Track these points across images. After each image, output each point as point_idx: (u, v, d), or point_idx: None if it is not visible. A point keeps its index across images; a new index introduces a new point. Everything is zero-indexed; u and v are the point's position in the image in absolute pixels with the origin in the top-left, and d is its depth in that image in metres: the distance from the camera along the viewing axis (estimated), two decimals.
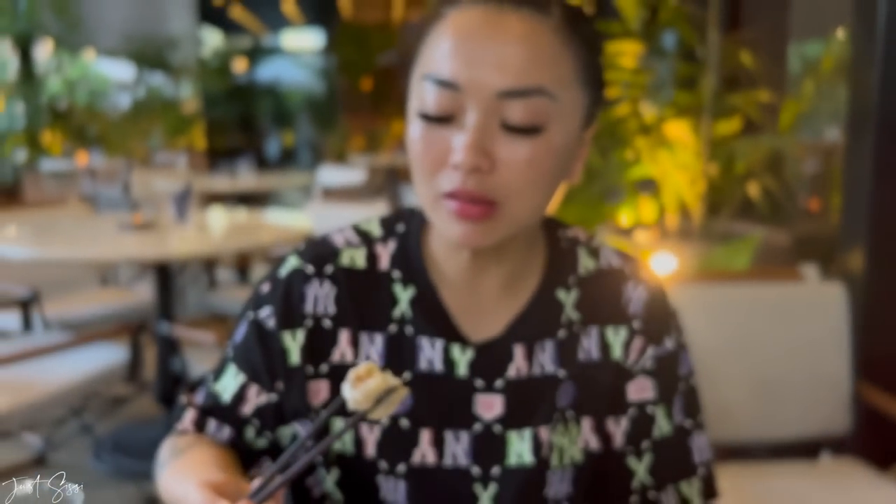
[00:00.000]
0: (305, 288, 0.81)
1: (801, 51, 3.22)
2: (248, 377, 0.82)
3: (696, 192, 2.56)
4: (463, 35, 0.69)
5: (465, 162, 0.67)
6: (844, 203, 2.07)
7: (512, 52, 0.67)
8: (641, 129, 2.58)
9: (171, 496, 0.74)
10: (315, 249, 0.84)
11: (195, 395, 0.86)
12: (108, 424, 2.94)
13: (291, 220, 3.21)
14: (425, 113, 0.70)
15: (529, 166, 0.69)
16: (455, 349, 0.80)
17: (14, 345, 2.55)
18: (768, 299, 1.82)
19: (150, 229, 2.82)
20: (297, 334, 0.80)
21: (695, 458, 0.84)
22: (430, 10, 0.74)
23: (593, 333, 0.82)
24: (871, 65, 1.94)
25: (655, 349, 0.83)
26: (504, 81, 0.67)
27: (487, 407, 0.80)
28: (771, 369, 1.79)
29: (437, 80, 0.69)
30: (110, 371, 2.36)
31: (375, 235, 0.84)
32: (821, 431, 1.81)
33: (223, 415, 0.82)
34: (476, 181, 0.68)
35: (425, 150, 0.70)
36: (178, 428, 0.84)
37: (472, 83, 0.67)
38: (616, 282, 0.84)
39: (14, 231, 2.82)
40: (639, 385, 0.83)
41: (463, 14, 0.70)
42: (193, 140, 10.40)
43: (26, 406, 2.10)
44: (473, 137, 0.67)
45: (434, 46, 0.71)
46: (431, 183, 0.71)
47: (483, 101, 0.67)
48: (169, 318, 2.75)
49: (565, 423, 0.81)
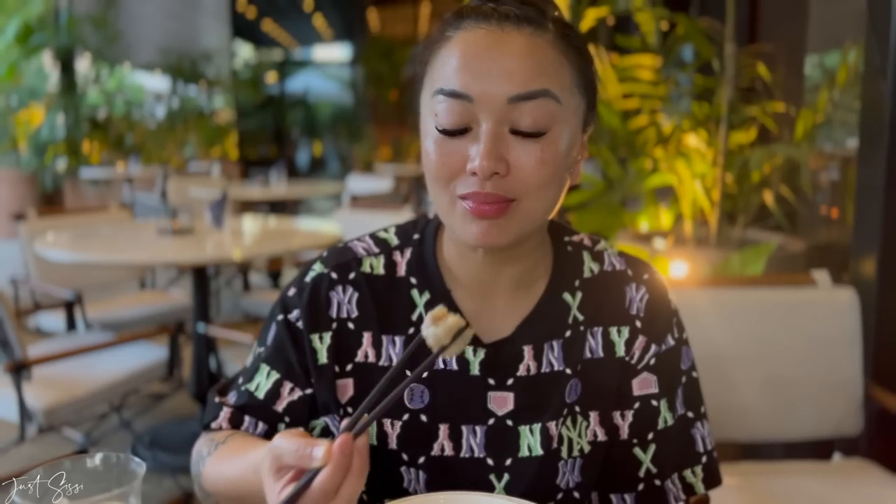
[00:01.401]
0: (331, 293, 0.86)
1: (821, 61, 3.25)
2: (281, 375, 0.85)
3: (713, 201, 2.60)
4: (471, 51, 0.74)
5: (484, 168, 0.71)
6: (857, 210, 2.10)
7: (517, 63, 0.72)
8: (659, 139, 2.64)
9: (222, 478, 0.79)
10: (338, 257, 0.89)
11: (227, 396, 0.89)
12: (147, 421, 3.05)
13: (321, 227, 3.29)
14: (440, 125, 0.74)
15: (541, 166, 0.73)
16: (468, 350, 0.84)
17: (58, 344, 2.66)
18: (782, 303, 1.85)
19: (188, 234, 2.92)
20: (324, 337, 0.85)
21: (698, 447, 0.87)
22: (433, 35, 0.80)
23: (598, 333, 0.86)
24: (884, 76, 1.97)
25: (657, 347, 0.87)
26: (512, 88, 0.72)
27: (500, 403, 0.84)
28: (784, 371, 1.81)
29: (450, 93, 0.73)
30: (149, 369, 2.46)
31: (393, 244, 0.89)
32: (833, 432, 1.83)
33: (258, 411, 0.85)
34: (493, 184, 0.73)
35: (442, 160, 0.74)
36: (213, 425, 0.87)
37: (482, 93, 0.72)
38: (619, 284, 0.88)
39: (58, 236, 2.93)
40: (643, 381, 0.87)
41: (468, 34, 0.75)
42: (227, 149, 10.61)
43: (70, 402, 2.19)
44: (489, 144, 0.72)
45: (443, 65, 0.75)
46: (448, 189, 0.75)
47: (494, 109, 0.72)
48: (205, 319, 2.85)
49: (574, 417, 0.85)
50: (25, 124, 7.41)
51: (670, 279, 1.94)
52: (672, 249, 2.67)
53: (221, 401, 0.88)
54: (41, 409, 2.12)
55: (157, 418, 3.10)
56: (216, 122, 10.66)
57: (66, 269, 3.01)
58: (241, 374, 0.90)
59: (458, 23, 0.76)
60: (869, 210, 2.04)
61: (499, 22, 0.74)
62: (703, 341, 1.78)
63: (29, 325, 3.15)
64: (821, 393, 1.82)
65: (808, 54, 3.15)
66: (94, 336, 2.76)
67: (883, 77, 1.98)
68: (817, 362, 1.82)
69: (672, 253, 2.56)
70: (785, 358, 1.82)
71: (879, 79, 1.99)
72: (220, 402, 0.88)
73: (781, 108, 2.73)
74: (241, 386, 0.88)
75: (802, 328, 1.83)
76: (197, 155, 9.77)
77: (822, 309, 1.84)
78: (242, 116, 11.66)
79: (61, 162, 7.47)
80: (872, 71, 2.03)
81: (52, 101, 7.60)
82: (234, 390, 0.89)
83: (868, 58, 2.05)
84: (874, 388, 1.83)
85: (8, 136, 7.22)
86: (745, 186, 2.65)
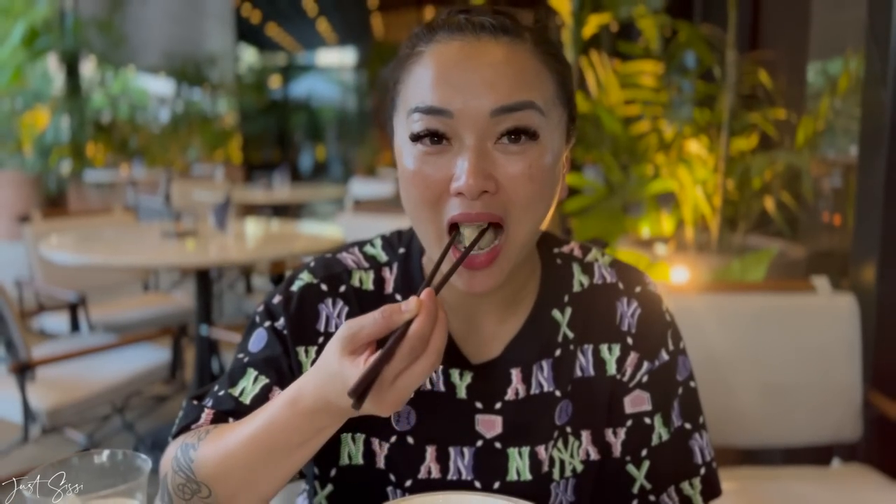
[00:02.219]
0: (319, 305, 0.82)
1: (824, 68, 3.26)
2: (271, 381, 0.80)
3: (714, 207, 2.61)
4: (447, 64, 0.69)
5: (471, 186, 0.67)
6: (857, 217, 2.11)
7: (498, 72, 0.68)
8: (661, 145, 2.65)
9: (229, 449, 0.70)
10: (327, 268, 0.85)
11: (204, 401, 0.82)
12: (149, 422, 3.06)
13: (323, 231, 3.31)
14: (416, 138, 0.70)
15: (529, 181, 0.69)
16: (454, 373, 0.81)
17: (62, 345, 2.68)
18: (782, 309, 1.85)
19: (191, 237, 2.94)
20: (310, 351, 0.82)
21: (696, 459, 0.84)
22: (402, 51, 0.75)
23: (588, 351, 0.83)
24: (884, 84, 1.99)
25: (650, 364, 0.84)
26: (496, 100, 0.68)
27: (488, 426, 0.81)
28: (784, 376, 1.82)
29: (427, 109, 0.69)
30: (152, 371, 2.47)
31: (382, 261, 0.86)
32: (832, 438, 1.84)
33: (244, 415, 0.77)
34: (482, 203, 0.68)
35: (424, 182, 0.70)
36: (193, 427, 0.79)
37: (464, 107, 0.68)
38: (609, 297, 0.85)
39: (63, 238, 2.95)
40: (635, 398, 0.84)
41: (442, 46, 0.71)
42: (230, 153, 10.65)
43: (73, 403, 2.21)
44: (474, 161, 0.67)
45: (417, 81, 0.71)
46: (435, 215, 0.71)
47: (477, 124, 0.68)
48: (208, 322, 2.87)
49: (565, 438, 0.82)
50: (30, 127, 7.45)
51: (671, 285, 1.95)
52: (673, 255, 2.68)
53: (201, 404, 0.81)
54: (45, 410, 2.13)
55: (159, 420, 3.11)
56: (220, 125, 10.70)
57: (70, 271, 3.03)
58: (216, 382, 0.84)
59: (430, 36, 0.72)
60: (868, 217, 2.05)
61: (474, 32, 0.70)
62: (703, 347, 1.80)
63: (33, 327, 3.17)
64: (820, 398, 1.83)
65: (810, 61, 3.16)
66: (97, 338, 2.78)
67: (883, 85, 1.99)
68: (817, 368, 1.83)
69: (673, 259, 2.57)
70: (784, 363, 1.83)
71: (879, 87, 2.00)
72: (199, 404, 0.81)
73: (783, 114, 2.74)
74: (219, 391, 0.81)
75: (802, 334, 1.84)
76: (200, 158, 9.80)
77: (822, 315, 1.85)
78: (246, 120, 11.70)
79: (66, 164, 7.49)
80: (872, 79, 2.04)
81: (57, 104, 7.63)
82: (210, 396, 0.82)
83: (868, 66, 2.07)
84: (873, 394, 1.84)
85: (13, 138, 7.25)
86: (747, 193, 2.66)
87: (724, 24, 2.65)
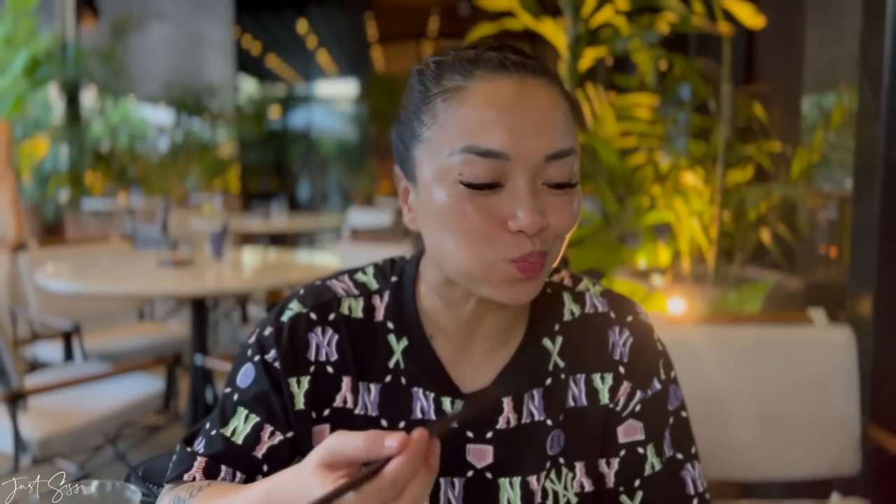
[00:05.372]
0: (309, 335, 0.82)
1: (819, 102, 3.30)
2: (262, 419, 0.80)
3: (710, 238, 2.62)
4: (503, 106, 0.70)
5: (532, 224, 0.69)
6: (852, 250, 2.12)
7: (550, 119, 0.71)
8: (657, 176, 2.67)
9: None
10: (316, 297, 0.85)
11: (195, 444, 0.82)
12: (142, 453, 3.02)
13: (320, 260, 3.31)
14: (468, 181, 0.70)
15: (573, 219, 0.73)
16: (446, 401, 0.81)
17: (55, 374, 2.66)
18: (778, 341, 1.85)
19: (188, 266, 2.94)
20: (302, 381, 0.81)
21: (688, 489, 0.83)
22: (426, 84, 0.75)
23: (581, 380, 0.83)
24: (877, 118, 2.01)
25: (643, 393, 0.84)
26: (550, 146, 0.70)
27: (479, 456, 0.81)
28: (781, 409, 1.81)
29: (485, 152, 0.69)
30: (145, 401, 2.45)
31: (372, 288, 0.86)
32: (830, 471, 1.82)
33: (236, 459, 0.79)
34: (540, 240, 0.71)
35: (477, 219, 0.70)
36: (185, 477, 0.79)
37: (521, 151, 0.69)
38: (601, 327, 0.85)
39: (59, 267, 2.94)
40: (628, 428, 0.84)
41: (493, 85, 0.71)
42: (229, 182, 10.69)
43: (65, 433, 2.18)
44: (531, 201, 0.70)
45: (467, 117, 0.71)
46: (483, 253, 0.71)
47: (531, 167, 0.70)
48: (203, 351, 2.85)
49: (558, 470, 0.82)
50: (30, 155, 7.48)
51: (668, 316, 1.95)
52: (670, 286, 2.68)
53: (193, 451, 0.81)
54: (36, 440, 2.11)
55: (151, 450, 3.07)
56: (218, 155, 10.76)
57: (65, 299, 3.01)
58: (207, 420, 0.84)
59: (468, 70, 0.72)
60: (864, 249, 2.06)
61: (518, 72, 0.72)
62: (699, 378, 1.80)
63: (26, 356, 3.15)
64: (818, 431, 1.82)
65: (805, 94, 3.20)
66: (91, 366, 2.76)
67: (876, 119, 2.01)
68: (814, 401, 1.82)
69: (670, 290, 2.57)
70: (781, 396, 1.82)
71: (873, 121, 2.02)
72: (191, 451, 0.81)
73: (778, 147, 2.77)
74: (210, 431, 0.81)
75: (799, 366, 1.83)
76: (199, 187, 9.84)
77: (819, 347, 1.85)
78: (245, 149, 11.77)
79: (64, 193, 7.51)
80: (866, 113, 2.06)
81: (57, 133, 7.67)
82: (202, 437, 0.82)
83: (861, 100, 2.09)
84: (871, 427, 1.82)
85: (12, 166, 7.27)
86: (743, 224, 2.68)
87: (719, 58, 2.68)
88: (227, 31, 10.99)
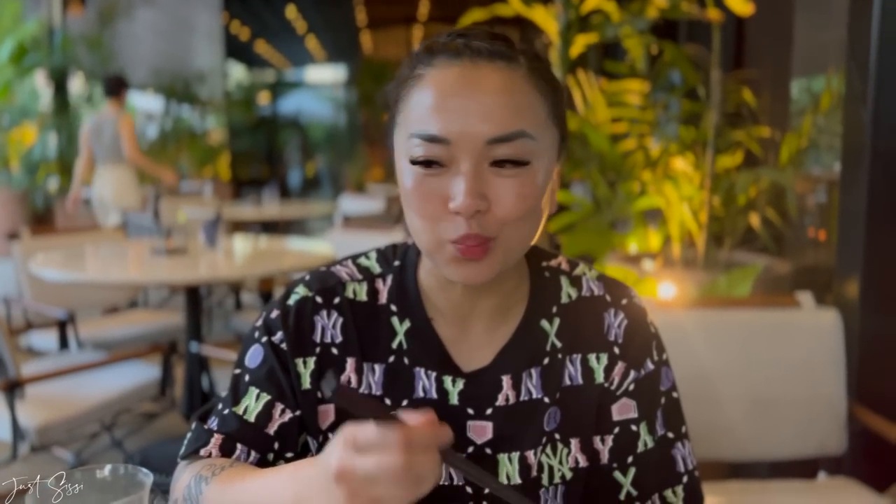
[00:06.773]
0: (315, 317, 0.85)
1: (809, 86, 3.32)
2: (273, 397, 0.83)
3: (700, 223, 2.65)
4: (445, 92, 0.73)
5: (467, 207, 0.70)
6: (840, 234, 2.15)
7: (494, 103, 0.72)
8: (647, 162, 2.69)
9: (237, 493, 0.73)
10: (322, 281, 0.88)
11: (209, 422, 0.85)
12: (138, 440, 3.04)
13: (312, 247, 3.32)
14: (416, 161, 0.73)
15: (521, 201, 0.73)
16: (447, 380, 0.84)
17: (51, 362, 2.67)
18: (767, 325, 1.88)
19: (181, 254, 2.93)
20: (308, 362, 0.84)
21: (679, 468, 0.86)
22: (403, 72, 0.78)
23: (577, 360, 0.86)
24: (864, 102, 2.03)
25: (636, 373, 0.87)
26: (491, 130, 0.71)
27: (479, 432, 0.84)
28: (769, 391, 1.84)
29: (427, 137, 0.72)
30: (141, 389, 2.47)
31: (375, 272, 0.89)
32: (817, 451, 1.86)
33: (250, 437, 0.82)
34: (477, 223, 0.72)
35: (424, 199, 0.74)
36: (202, 452, 0.82)
37: (461, 136, 0.71)
38: (597, 309, 0.88)
39: (52, 256, 2.94)
40: (622, 406, 0.86)
41: (441, 72, 0.74)
42: (219, 169, 10.63)
43: (63, 421, 2.20)
44: (470, 184, 0.71)
45: (416, 105, 0.74)
46: (434, 230, 0.74)
47: (473, 150, 0.72)
48: (198, 339, 2.86)
49: (553, 445, 0.85)
50: (18, 143, 7.42)
51: (659, 300, 1.97)
52: (660, 271, 2.71)
53: (209, 427, 0.84)
54: (34, 428, 2.12)
55: (148, 438, 3.09)
56: (208, 142, 10.69)
57: (59, 288, 3.02)
58: (220, 400, 0.87)
59: (429, 59, 0.75)
60: (851, 233, 2.09)
61: (471, 58, 0.74)
62: (689, 362, 1.83)
63: (21, 345, 3.15)
64: (805, 412, 1.85)
65: (794, 78, 3.22)
66: (86, 355, 2.77)
67: (863, 104, 2.03)
68: (801, 382, 1.85)
69: (660, 274, 2.60)
70: (770, 378, 1.85)
71: (860, 105, 2.04)
72: (208, 428, 0.84)
73: (767, 132, 2.79)
74: (224, 411, 0.84)
75: (787, 349, 1.87)
76: (189, 175, 9.79)
77: (806, 330, 1.88)
78: (235, 136, 11.70)
79: (53, 181, 7.46)
80: (853, 97, 2.08)
81: (45, 121, 7.61)
82: (215, 416, 0.85)
83: (849, 84, 2.11)
84: (857, 407, 1.86)
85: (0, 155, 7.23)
86: (732, 209, 2.70)
87: (709, 44, 2.70)
88: (216, 17, 10.88)
